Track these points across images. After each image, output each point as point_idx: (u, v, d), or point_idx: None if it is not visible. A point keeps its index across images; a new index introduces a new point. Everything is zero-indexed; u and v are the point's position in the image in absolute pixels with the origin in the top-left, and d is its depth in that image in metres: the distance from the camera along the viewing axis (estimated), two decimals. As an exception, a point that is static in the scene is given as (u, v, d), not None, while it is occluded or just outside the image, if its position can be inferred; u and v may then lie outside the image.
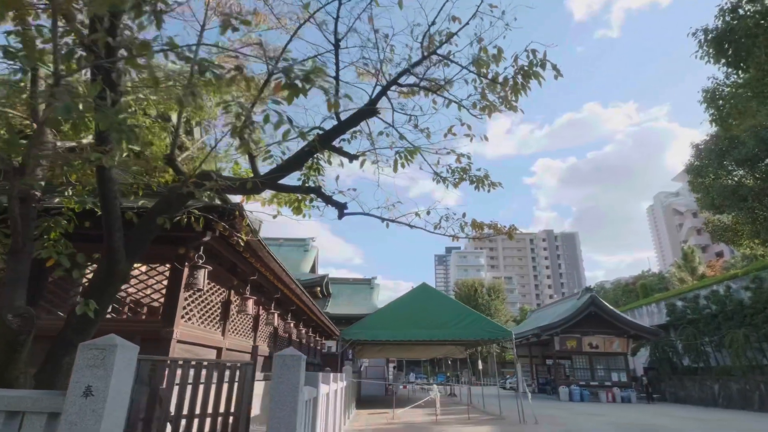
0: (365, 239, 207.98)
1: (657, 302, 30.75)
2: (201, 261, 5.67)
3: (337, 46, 3.98)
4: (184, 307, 6.04)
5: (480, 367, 21.62)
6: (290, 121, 3.54)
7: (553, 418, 14.39)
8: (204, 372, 3.70)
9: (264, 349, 10.39)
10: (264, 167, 4.71)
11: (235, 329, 8.27)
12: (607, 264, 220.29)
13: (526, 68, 4.08)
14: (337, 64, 4.13)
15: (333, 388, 7.87)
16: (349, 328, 13.67)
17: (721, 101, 5.98)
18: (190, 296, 6.29)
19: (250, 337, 9.39)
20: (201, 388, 3.71)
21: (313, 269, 33.23)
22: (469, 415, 13.88)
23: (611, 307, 26.39)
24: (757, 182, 12.01)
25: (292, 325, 11.98)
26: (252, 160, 4.77)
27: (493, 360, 45.73)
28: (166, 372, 3.41)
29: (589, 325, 25.34)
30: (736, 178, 12.30)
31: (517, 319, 62.50)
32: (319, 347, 19.69)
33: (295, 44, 4.03)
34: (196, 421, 3.63)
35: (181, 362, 3.55)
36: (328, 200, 5.05)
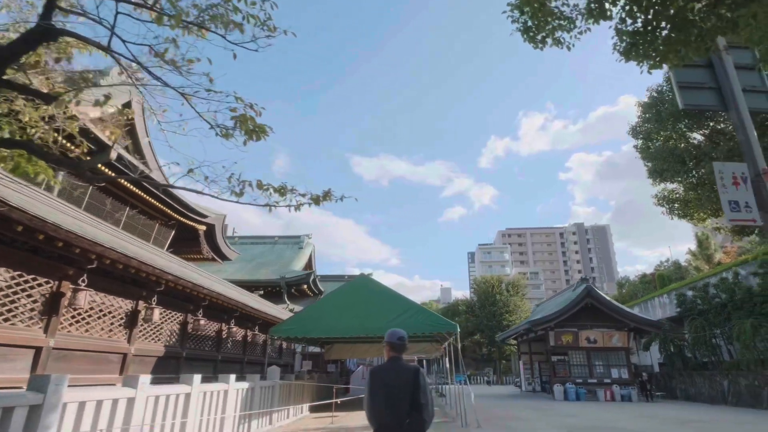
0: (402, 240, 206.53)
1: (669, 293, 28.38)
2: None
3: None
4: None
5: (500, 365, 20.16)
6: None
7: (509, 420, 12.97)
8: None
9: (154, 349, 9.55)
10: None
11: (79, 325, 7.41)
12: (648, 258, 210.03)
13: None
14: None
15: (177, 391, 6.90)
16: (279, 325, 12.67)
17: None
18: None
19: (122, 334, 8.53)
20: None
21: (309, 266, 32.51)
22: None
23: (609, 299, 24.37)
24: (706, 141, 10.02)
25: (202, 322, 11.08)
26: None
27: (516, 359, 43.99)
28: None
29: (587, 318, 23.43)
30: (686, 140, 10.32)
31: (536, 315, 60.24)
32: (284, 346, 18.77)
33: None
34: None
35: None
36: (45, 157, 4.08)
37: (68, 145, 4.99)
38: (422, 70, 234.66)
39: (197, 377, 7.41)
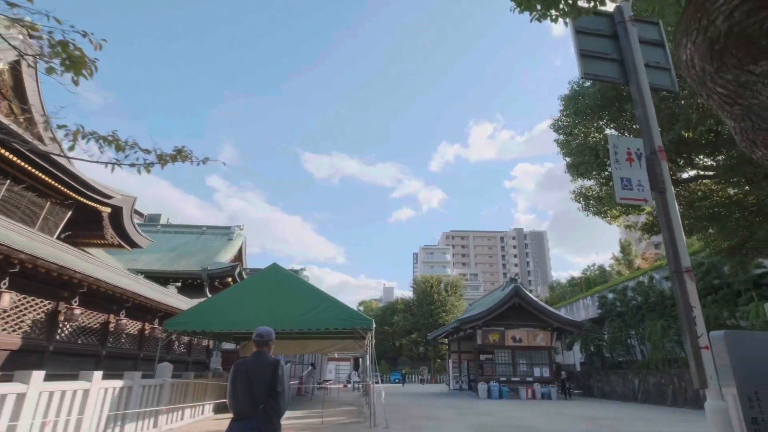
0: (350, 239, 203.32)
1: (592, 295, 29.55)
2: None
3: None
4: None
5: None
6: None
7: (422, 420, 12.50)
8: None
9: (5, 341, 8.10)
10: None
11: None
12: (580, 264, 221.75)
13: None
14: None
15: (2, 391, 5.68)
16: (176, 317, 11.41)
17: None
18: None
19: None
20: None
21: (239, 259, 30.81)
22: (323, 419, 11.84)
23: (536, 299, 24.86)
24: (620, 134, 10.13)
25: (77, 312, 9.65)
26: None
27: (449, 357, 44.33)
28: None
29: (514, 317, 23.71)
30: (603, 134, 10.29)
31: (472, 315, 61.34)
32: (192, 342, 17.30)
33: None
34: None
35: None
36: None
37: None
38: (378, 72, 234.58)
39: (37, 374, 6.18)
